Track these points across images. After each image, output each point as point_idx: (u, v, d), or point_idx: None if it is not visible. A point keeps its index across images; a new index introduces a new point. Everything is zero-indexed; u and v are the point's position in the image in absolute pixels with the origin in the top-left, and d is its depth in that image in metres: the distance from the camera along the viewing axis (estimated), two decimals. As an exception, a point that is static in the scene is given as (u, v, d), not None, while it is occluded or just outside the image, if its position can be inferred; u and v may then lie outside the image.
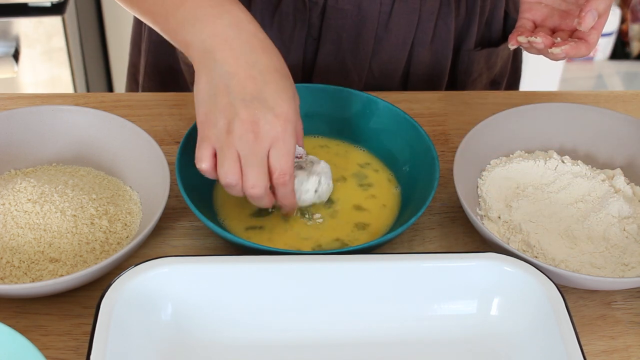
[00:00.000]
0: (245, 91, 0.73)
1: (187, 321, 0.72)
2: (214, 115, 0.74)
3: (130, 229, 0.81)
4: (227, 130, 0.73)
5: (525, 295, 0.72)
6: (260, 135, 0.73)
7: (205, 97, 0.74)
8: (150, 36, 1.08)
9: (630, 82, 2.52)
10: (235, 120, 0.73)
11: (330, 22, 0.98)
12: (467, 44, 1.04)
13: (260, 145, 0.73)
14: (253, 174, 0.74)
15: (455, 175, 0.82)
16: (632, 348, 0.75)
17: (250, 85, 0.73)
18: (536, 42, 0.82)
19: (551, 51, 0.82)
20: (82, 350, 0.72)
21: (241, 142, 0.73)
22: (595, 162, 0.92)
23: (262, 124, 0.73)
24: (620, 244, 0.80)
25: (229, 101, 0.73)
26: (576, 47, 0.81)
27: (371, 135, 0.91)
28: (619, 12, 2.49)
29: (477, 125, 0.88)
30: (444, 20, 1.00)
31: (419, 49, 1.01)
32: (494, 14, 1.04)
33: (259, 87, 0.73)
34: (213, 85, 0.74)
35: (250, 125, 0.72)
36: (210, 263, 0.72)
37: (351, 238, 0.82)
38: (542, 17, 0.85)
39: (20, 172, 0.86)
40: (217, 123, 0.73)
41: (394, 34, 0.99)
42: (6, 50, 1.60)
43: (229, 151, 0.73)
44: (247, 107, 0.72)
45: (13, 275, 0.75)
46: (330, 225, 0.83)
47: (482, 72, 1.07)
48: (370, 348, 0.73)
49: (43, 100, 0.97)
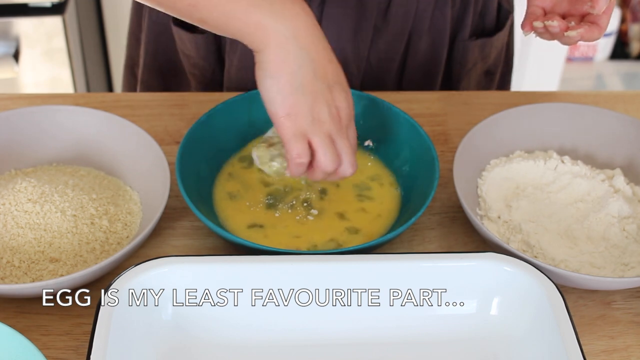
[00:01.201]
0: (328, 76, 0.74)
1: (187, 321, 0.72)
2: (304, 106, 0.73)
3: (130, 229, 0.81)
4: (320, 120, 0.74)
5: (525, 295, 0.72)
6: (343, 119, 0.75)
7: (289, 89, 0.73)
8: (150, 27, 1.07)
9: (630, 82, 2.52)
10: (324, 107, 0.74)
11: (330, 11, 0.98)
12: (462, 34, 1.05)
13: (344, 129, 0.76)
14: (347, 157, 0.76)
15: (455, 175, 0.82)
16: (632, 348, 0.75)
17: (330, 70, 0.75)
18: (553, 26, 0.82)
19: (567, 34, 0.82)
20: (82, 350, 0.72)
21: (333, 129, 0.75)
22: (595, 162, 0.92)
23: (343, 107, 0.75)
24: (620, 244, 0.80)
25: (314, 89, 0.73)
26: (590, 30, 0.82)
27: (371, 135, 0.91)
28: (619, 12, 2.49)
29: (477, 125, 0.88)
30: (440, 10, 1.01)
31: (416, 39, 1.02)
32: (487, 5, 1.05)
33: (336, 70, 0.75)
34: (300, 74, 0.73)
35: (337, 111, 0.75)
36: (210, 263, 0.72)
37: (345, 239, 0.82)
38: (551, 3, 0.85)
39: (20, 172, 0.86)
40: (308, 114, 0.73)
41: (392, 23, 1.00)
42: (6, 51, 1.60)
43: (328, 140, 0.74)
44: (331, 92, 0.74)
45: (13, 275, 0.75)
46: (326, 224, 0.83)
47: (477, 62, 1.08)
48: (370, 348, 0.73)
49: (43, 100, 0.97)
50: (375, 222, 0.84)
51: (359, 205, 0.85)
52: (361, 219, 0.84)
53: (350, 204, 0.85)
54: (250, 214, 0.83)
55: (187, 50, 1.05)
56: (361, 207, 0.85)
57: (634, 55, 2.57)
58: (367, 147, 0.91)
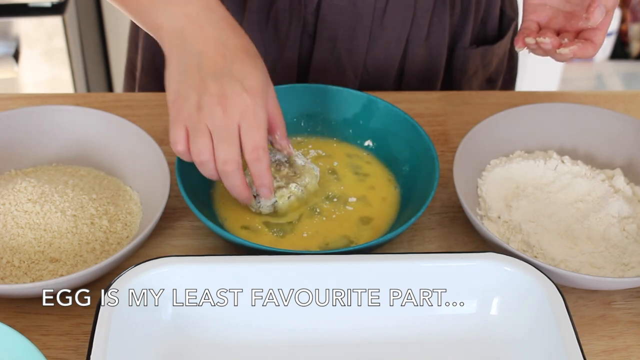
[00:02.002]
0: (216, 67, 0.73)
1: (187, 321, 0.72)
2: (184, 92, 0.74)
3: (130, 229, 0.81)
4: (198, 107, 0.73)
5: (525, 295, 0.72)
6: (229, 108, 0.72)
7: (175, 75, 0.75)
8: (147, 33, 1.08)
9: (630, 82, 2.52)
10: (205, 95, 0.73)
11: (326, 18, 0.98)
12: (462, 42, 1.04)
13: (230, 118, 0.72)
14: (224, 148, 0.73)
15: (455, 175, 0.82)
16: (632, 348, 0.75)
17: (220, 62, 0.73)
18: (544, 43, 0.81)
19: (559, 52, 0.81)
20: (82, 350, 0.72)
21: (211, 117, 0.72)
22: (595, 162, 0.92)
23: (231, 95, 0.72)
24: (620, 244, 0.80)
25: (199, 77, 0.73)
26: (583, 47, 0.80)
27: (371, 135, 0.91)
28: (619, 12, 2.49)
29: (477, 125, 0.88)
30: (438, 17, 1.00)
31: (413, 46, 1.01)
32: (489, 12, 1.05)
33: (228, 63, 0.73)
34: (183, 63, 0.74)
35: (219, 99, 0.72)
36: (210, 263, 0.72)
37: (356, 234, 0.82)
38: (546, 18, 0.84)
39: (20, 172, 0.86)
40: (187, 100, 0.73)
41: (389, 30, 0.99)
42: (6, 50, 1.60)
43: (200, 127, 0.73)
44: (216, 82, 0.73)
45: (13, 275, 0.75)
46: (336, 221, 0.83)
47: (478, 70, 1.07)
48: (370, 348, 0.73)
49: (43, 100, 0.97)
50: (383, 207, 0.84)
51: (367, 193, 0.86)
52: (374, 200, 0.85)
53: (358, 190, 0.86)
54: (250, 214, 0.83)
55: None
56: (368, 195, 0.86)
57: (634, 55, 2.57)
58: (367, 147, 0.91)
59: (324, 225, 0.82)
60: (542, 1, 0.85)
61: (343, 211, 0.84)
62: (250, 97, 0.73)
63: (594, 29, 0.81)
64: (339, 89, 0.91)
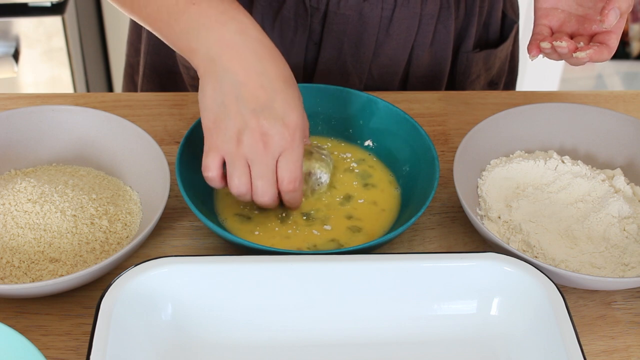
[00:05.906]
0: (257, 101, 0.73)
1: (187, 321, 0.72)
2: (223, 124, 0.74)
3: (130, 229, 0.81)
4: (237, 140, 0.73)
5: (525, 295, 0.72)
6: (270, 145, 0.73)
7: (213, 105, 0.74)
8: (150, 38, 1.07)
9: (630, 82, 2.52)
10: (246, 130, 0.73)
11: (332, 27, 0.98)
12: (465, 46, 1.04)
13: (270, 156, 0.74)
14: (262, 184, 0.75)
15: (455, 175, 0.82)
16: (632, 348, 0.75)
17: (261, 95, 0.73)
18: (561, 47, 0.80)
19: (575, 55, 0.80)
20: (82, 350, 0.72)
21: (251, 153, 0.73)
22: (595, 162, 0.92)
23: (272, 134, 0.73)
24: (620, 244, 0.80)
25: (238, 110, 0.73)
26: (599, 51, 0.80)
27: (371, 135, 0.91)
28: (619, 12, 2.49)
29: (477, 125, 0.88)
30: (443, 23, 1.00)
31: (418, 51, 1.01)
32: (491, 15, 1.04)
33: (269, 96, 0.73)
34: (222, 93, 0.74)
35: (260, 136, 0.73)
36: (210, 263, 0.72)
37: (356, 234, 0.82)
38: (559, 22, 0.83)
39: (20, 172, 0.86)
40: (226, 132, 0.74)
41: (395, 38, 0.99)
42: (6, 50, 1.60)
43: (240, 162, 0.74)
44: (257, 117, 0.73)
45: (13, 275, 0.75)
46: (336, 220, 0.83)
47: (481, 74, 1.07)
48: (370, 348, 0.73)
49: (43, 100, 0.97)
50: (376, 221, 0.84)
51: (367, 193, 0.86)
52: (364, 216, 0.84)
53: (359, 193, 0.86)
54: (250, 214, 0.83)
55: (186, 62, 1.04)
56: (369, 195, 0.86)
57: (634, 55, 2.57)
58: (367, 147, 0.91)
59: (323, 225, 0.82)
60: (554, 5, 0.84)
61: (343, 211, 0.84)
62: (290, 134, 0.74)
63: (608, 32, 0.80)
64: (339, 88, 0.91)
